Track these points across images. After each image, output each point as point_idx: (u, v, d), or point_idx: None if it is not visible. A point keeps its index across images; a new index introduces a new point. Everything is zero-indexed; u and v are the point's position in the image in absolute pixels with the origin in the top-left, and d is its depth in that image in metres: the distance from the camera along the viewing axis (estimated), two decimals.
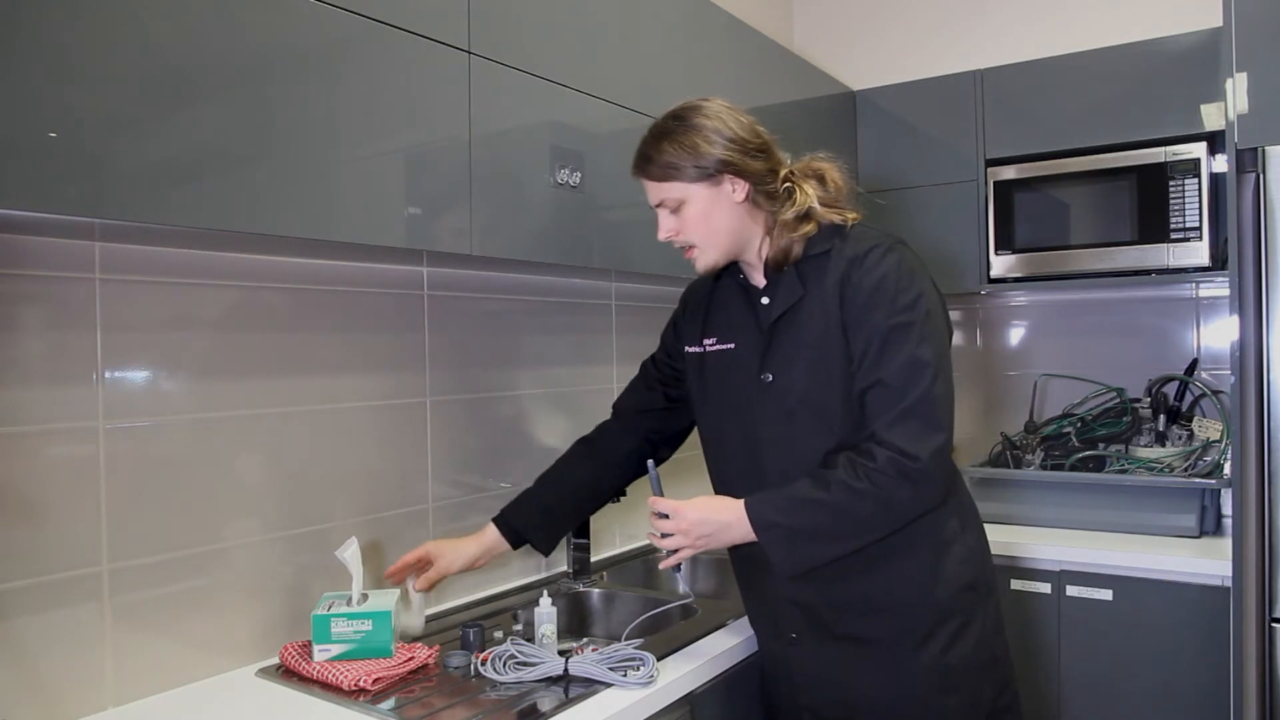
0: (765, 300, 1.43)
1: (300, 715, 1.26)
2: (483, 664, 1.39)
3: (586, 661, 1.35)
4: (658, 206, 1.42)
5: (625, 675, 1.33)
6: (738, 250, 1.43)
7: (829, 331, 1.35)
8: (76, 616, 1.25)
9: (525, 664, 1.37)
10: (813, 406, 1.37)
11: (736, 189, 1.37)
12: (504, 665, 1.37)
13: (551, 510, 1.62)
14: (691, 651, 1.49)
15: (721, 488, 1.50)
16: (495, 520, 1.60)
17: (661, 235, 1.42)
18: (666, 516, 1.37)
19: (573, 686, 1.33)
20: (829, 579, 1.37)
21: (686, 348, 1.56)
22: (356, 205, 1.29)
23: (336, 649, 1.39)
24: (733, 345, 1.47)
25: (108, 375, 1.29)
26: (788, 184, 1.41)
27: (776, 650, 1.48)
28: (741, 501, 1.34)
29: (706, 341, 1.51)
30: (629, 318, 2.30)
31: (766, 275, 1.44)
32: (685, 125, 1.37)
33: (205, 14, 1.10)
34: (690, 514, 1.35)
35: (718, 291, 1.53)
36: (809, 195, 1.40)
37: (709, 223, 1.38)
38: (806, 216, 1.40)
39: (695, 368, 1.54)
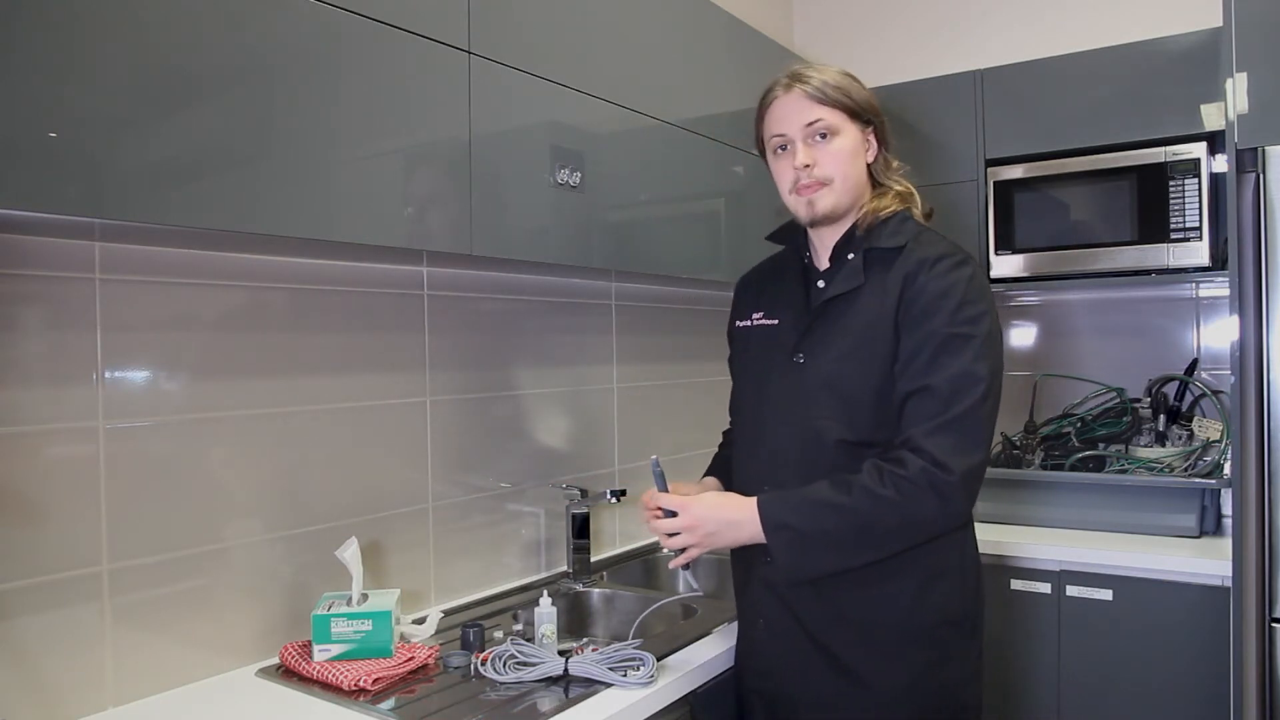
0: (821, 284, 1.42)
1: (300, 715, 1.26)
2: (483, 664, 1.39)
3: (586, 661, 1.35)
4: (806, 128, 1.37)
5: (625, 675, 1.33)
6: (853, 204, 1.42)
7: (878, 326, 1.33)
8: (76, 616, 1.25)
9: (525, 664, 1.37)
10: (838, 394, 1.34)
11: (870, 147, 1.42)
12: (504, 665, 1.37)
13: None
14: (691, 651, 1.49)
15: (735, 469, 1.51)
16: (712, 475, 1.63)
17: (799, 161, 1.37)
18: (674, 514, 1.35)
19: (573, 686, 1.33)
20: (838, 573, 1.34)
21: (736, 322, 1.56)
22: (356, 205, 1.29)
23: (336, 649, 1.39)
24: (777, 322, 1.46)
25: (108, 375, 1.29)
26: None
27: (745, 631, 1.48)
28: (753, 500, 1.32)
29: (755, 316, 1.51)
30: (629, 318, 2.30)
31: (832, 259, 1.43)
32: (845, 73, 1.41)
33: (205, 14, 1.10)
34: (696, 509, 1.34)
35: (776, 271, 1.54)
36: (908, 187, 1.45)
37: (852, 163, 1.39)
38: (909, 196, 1.43)
39: (741, 342, 1.55)
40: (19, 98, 0.93)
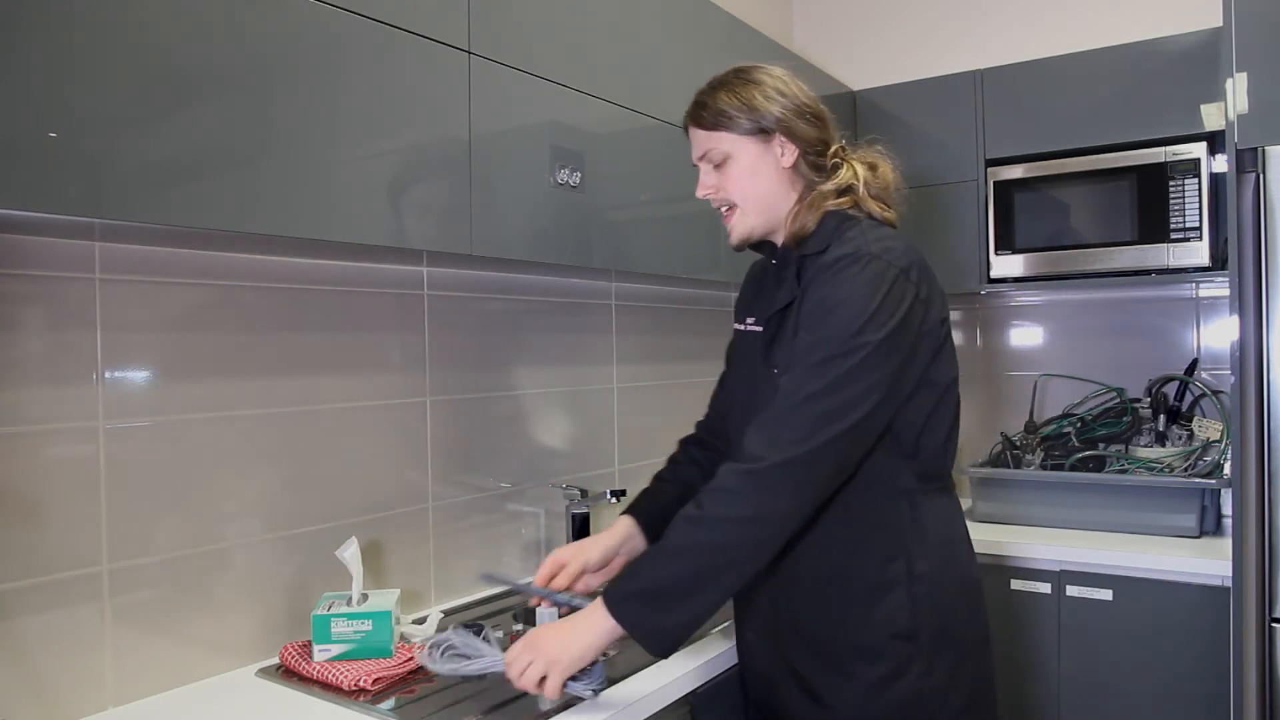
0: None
1: (300, 715, 1.26)
2: (420, 651, 1.37)
3: None
4: (700, 160, 1.38)
5: (576, 679, 1.25)
6: (775, 219, 1.36)
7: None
8: (76, 616, 1.25)
9: (463, 655, 1.35)
10: None
11: (785, 152, 1.34)
12: (441, 654, 1.36)
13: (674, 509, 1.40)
14: (691, 651, 1.49)
15: None
16: (628, 512, 1.54)
17: (700, 192, 1.39)
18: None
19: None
20: (787, 584, 1.33)
21: (735, 324, 1.53)
22: (356, 205, 1.29)
23: (336, 649, 1.39)
24: (761, 328, 1.42)
25: (108, 375, 1.29)
26: (837, 159, 1.37)
27: (740, 642, 1.48)
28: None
29: (748, 320, 1.47)
30: (629, 318, 2.30)
31: (782, 266, 1.40)
32: (745, 79, 1.34)
33: (206, 14, 1.10)
34: (531, 633, 1.25)
35: (769, 269, 1.48)
36: (856, 173, 1.35)
37: (752, 182, 1.34)
38: (846, 192, 1.34)
39: (736, 345, 1.52)
40: (19, 98, 0.93)
